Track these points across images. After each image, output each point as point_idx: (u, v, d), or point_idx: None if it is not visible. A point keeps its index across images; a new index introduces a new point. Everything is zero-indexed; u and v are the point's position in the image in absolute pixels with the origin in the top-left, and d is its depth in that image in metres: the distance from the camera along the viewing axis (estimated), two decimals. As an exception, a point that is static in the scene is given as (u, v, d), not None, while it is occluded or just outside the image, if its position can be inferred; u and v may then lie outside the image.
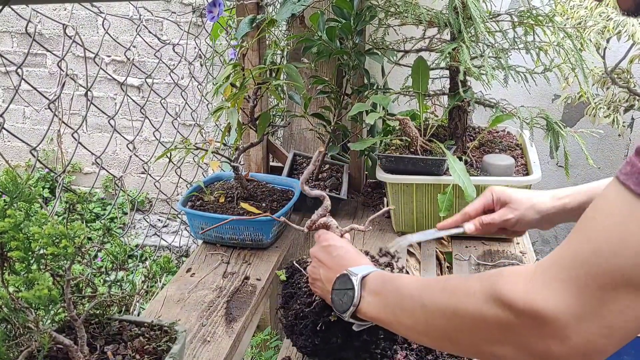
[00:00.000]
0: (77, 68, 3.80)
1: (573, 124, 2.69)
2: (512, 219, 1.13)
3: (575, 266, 0.60)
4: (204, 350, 1.17)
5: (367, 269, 0.94)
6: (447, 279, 0.79)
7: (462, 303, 0.71)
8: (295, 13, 1.68)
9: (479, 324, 0.69)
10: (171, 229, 3.85)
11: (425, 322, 0.78)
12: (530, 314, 0.62)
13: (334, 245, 1.03)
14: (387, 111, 1.66)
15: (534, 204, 1.12)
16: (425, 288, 0.80)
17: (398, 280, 0.87)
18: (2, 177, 0.84)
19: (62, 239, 0.81)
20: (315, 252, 1.06)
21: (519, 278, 0.65)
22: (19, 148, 4.15)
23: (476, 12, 1.43)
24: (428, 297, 0.78)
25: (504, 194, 1.15)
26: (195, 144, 1.55)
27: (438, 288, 0.78)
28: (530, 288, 0.63)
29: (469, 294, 0.71)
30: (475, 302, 0.69)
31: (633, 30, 1.95)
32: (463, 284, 0.73)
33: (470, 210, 1.17)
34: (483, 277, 0.71)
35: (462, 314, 0.71)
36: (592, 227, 0.61)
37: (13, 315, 0.81)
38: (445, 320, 0.74)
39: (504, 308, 0.65)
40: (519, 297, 0.63)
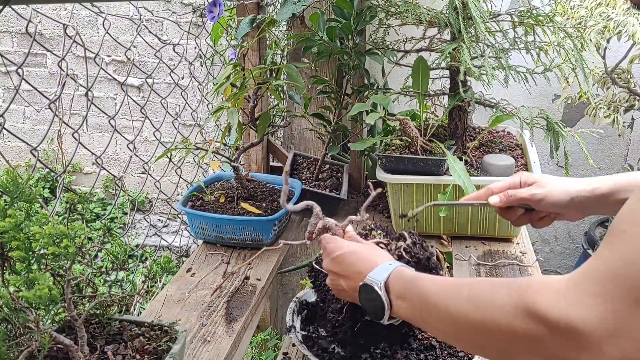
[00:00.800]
0: (77, 68, 3.80)
1: (573, 124, 2.69)
2: (539, 195, 1.10)
3: (608, 280, 0.59)
4: (204, 350, 1.17)
5: (384, 270, 0.92)
6: (470, 285, 0.76)
7: (490, 315, 0.70)
8: (295, 13, 1.68)
9: (509, 337, 0.68)
10: (171, 229, 3.85)
11: (454, 330, 0.78)
12: (564, 329, 0.61)
13: (343, 254, 1.00)
14: (387, 111, 1.66)
15: (562, 185, 1.10)
16: (448, 295, 0.79)
17: (420, 282, 0.86)
18: (3, 177, 0.84)
19: (62, 239, 0.81)
20: (328, 266, 1.03)
21: (551, 291, 0.64)
22: (19, 148, 4.15)
23: (476, 12, 1.43)
24: (454, 306, 0.76)
25: (530, 176, 1.14)
26: (196, 144, 1.55)
27: (463, 297, 0.76)
28: (562, 302, 0.62)
29: (496, 305, 0.69)
30: (505, 315, 0.68)
31: (633, 31, 1.95)
32: (489, 295, 0.71)
33: (495, 188, 1.16)
34: (511, 288, 0.69)
35: (491, 327, 0.70)
36: (622, 239, 0.60)
37: (13, 315, 0.82)
38: (474, 331, 0.73)
39: (536, 322, 0.64)
40: (552, 311, 0.62)
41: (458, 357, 1.13)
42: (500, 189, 1.16)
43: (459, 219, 1.60)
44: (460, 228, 1.62)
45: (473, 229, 1.61)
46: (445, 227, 1.64)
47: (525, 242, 1.63)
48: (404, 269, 0.93)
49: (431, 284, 0.84)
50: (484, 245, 1.61)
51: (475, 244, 1.61)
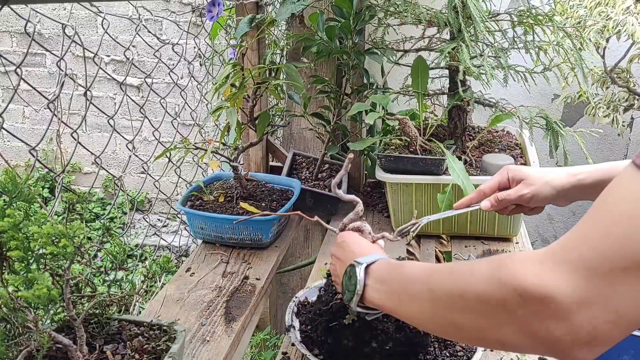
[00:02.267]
0: (76, 68, 3.80)
1: (573, 124, 2.69)
2: (528, 194, 1.13)
3: (586, 249, 0.60)
4: (204, 349, 1.17)
5: (373, 257, 0.93)
6: (457, 262, 0.79)
7: (468, 285, 0.70)
8: (294, 12, 1.68)
9: (484, 305, 0.68)
10: (171, 229, 3.85)
11: (431, 306, 0.78)
12: (536, 296, 0.61)
13: (346, 241, 1.03)
14: (386, 111, 1.66)
15: (549, 180, 1.12)
16: (433, 272, 0.80)
17: (406, 266, 0.87)
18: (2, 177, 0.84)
19: (61, 239, 0.81)
20: (332, 250, 1.07)
21: (529, 260, 0.64)
22: (18, 148, 4.14)
23: (476, 11, 1.43)
24: (435, 280, 0.77)
25: (519, 172, 1.15)
26: (195, 143, 1.55)
27: (446, 271, 0.77)
28: (539, 270, 0.62)
29: (474, 274, 0.70)
30: (482, 283, 0.68)
31: (633, 30, 1.95)
32: (470, 265, 0.73)
33: (486, 188, 1.18)
34: (492, 259, 0.70)
35: (468, 295, 0.70)
36: (605, 211, 0.61)
37: (12, 314, 0.81)
38: (451, 302, 0.73)
39: (509, 289, 0.64)
40: (527, 278, 0.62)
41: (457, 356, 1.13)
42: (491, 189, 1.18)
43: (459, 218, 1.60)
44: (460, 228, 1.62)
45: (472, 229, 1.61)
46: (444, 227, 1.64)
47: (525, 241, 1.63)
48: (395, 261, 0.94)
49: (419, 265, 0.85)
50: (483, 244, 1.61)
51: (475, 243, 1.61)
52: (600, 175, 1.07)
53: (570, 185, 1.10)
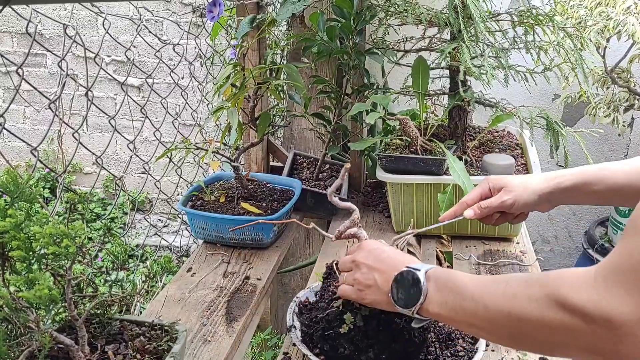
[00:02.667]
0: (77, 68, 3.80)
1: (573, 124, 2.69)
2: (509, 200, 1.15)
3: (634, 269, 0.63)
4: (205, 349, 1.17)
5: (425, 265, 0.94)
6: (507, 281, 0.80)
7: (525, 309, 0.73)
8: (295, 13, 1.68)
9: (544, 330, 0.71)
10: (172, 229, 3.85)
11: (489, 324, 0.80)
12: (598, 320, 0.65)
13: (381, 249, 1.03)
14: (387, 111, 1.66)
15: (528, 186, 1.15)
16: (485, 290, 0.81)
17: (456, 278, 0.88)
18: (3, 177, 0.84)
19: (63, 239, 0.81)
20: (363, 258, 1.04)
21: (582, 284, 0.67)
22: (19, 148, 4.15)
23: (476, 11, 1.43)
24: (490, 300, 0.79)
25: (499, 181, 1.18)
26: (196, 144, 1.55)
27: (499, 291, 0.79)
28: (594, 294, 0.65)
29: (531, 299, 0.72)
30: (540, 309, 0.71)
31: (633, 30, 1.95)
32: (524, 289, 0.75)
33: (468, 199, 1.20)
34: (544, 282, 0.72)
35: (527, 320, 0.73)
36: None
37: (14, 314, 0.82)
38: (509, 324, 0.76)
39: (571, 314, 0.67)
40: (585, 303, 0.66)
41: (458, 356, 1.13)
42: (473, 200, 1.20)
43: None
44: (461, 228, 1.62)
45: (473, 229, 1.62)
46: (445, 227, 1.63)
47: (525, 241, 1.63)
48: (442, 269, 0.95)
49: (468, 279, 0.87)
50: (484, 244, 1.61)
51: (476, 243, 1.62)
52: (577, 179, 1.10)
53: (550, 189, 1.13)
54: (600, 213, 2.81)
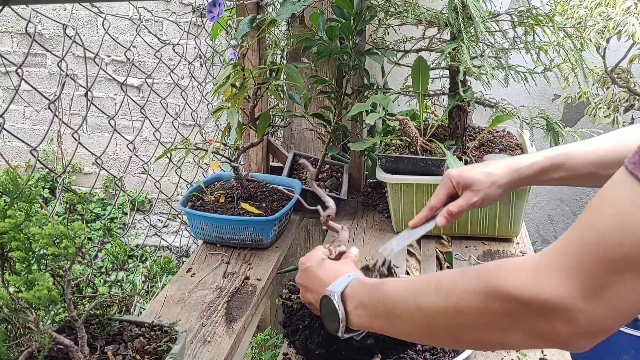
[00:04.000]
0: (77, 68, 3.80)
1: (573, 124, 2.69)
2: (477, 202, 1.15)
3: (581, 254, 0.62)
4: (205, 350, 1.17)
5: (344, 281, 0.91)
6: (438, 277, 0.78)
7: (463, 300, 0.71)
8: (295, 13, 1.68)
9: (484, 319, 0.70)
10: (171, 229, 3.85)
11: (426, 324, 0.78)
12: (537, 304, 0.64)
13: (311, 267, 1.01)
14: (387, 111, 1.66)
15: (494, 181, 1.14)
16: (417, 290, 0.79)
17: (383, 287, 0.85)
18: (3, 177, 0.84)
19: (62, 239, 0.81)
20: (298, 278, 1.05)
21: (522, 268, 0.66)
22: (19, 148, 4.15)
23: (476, 12, 1.43)
24: (423, 299, 0.77)
25: (462, 177, 1.17)
26: (195, 144, 1.55)
27: (432, 288, 0.77)
28: (535, 277, 0.64)
29: (468, 291, 0.71)
30: (477, 298, 0.69)
31: (633, 30, 1.95)
32: (459, 281, 0.73)
33: (435, 202, 1.18)
34: (480, 271, 0.71)
35: (466, 312, 0.71)
36: (597, 216, 0.62)
37: (13, 315, 0.81)
38: (447, 319, 0.74)
39: (510, 300, 0.66)
40: (525, 287, 0.65)
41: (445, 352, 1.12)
42: (441, 200, 1.18)
43: (459, 218, 1.60)
44: (460, 228, 1.62)
45: (473, 229, 1.61)
46: (445, 227, 1.64)
47: (525, 241, 1.63)
48: (364, 278, 0.92)
49: (395, 285, 0.84)
50: (484, 245, 1.61)
51: (475, 243, 1.62)
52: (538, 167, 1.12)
53: (513, 180, 1.14)
54: (600, 213, 2.80)
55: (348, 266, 1.01)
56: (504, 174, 1.14)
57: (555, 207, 2.89)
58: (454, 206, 1.16)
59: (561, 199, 2.86)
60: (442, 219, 1.16)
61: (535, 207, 2.90)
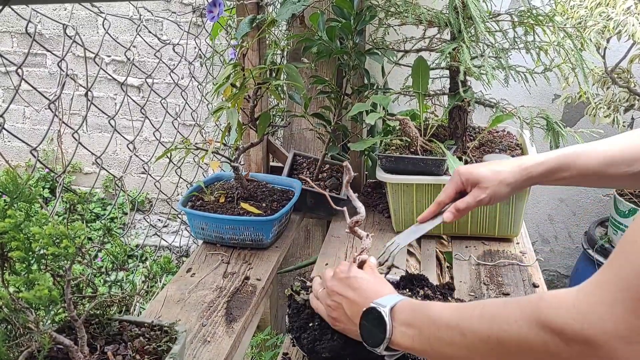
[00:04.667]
0: (77, 68, 3.80)
1: (573, 124, 2.69)
2: (485, 199, 1.15)
3: (619, 289, 0.62)
4: (204, 350, 1.17)
5: (393, 298, 0.92)
6: (483, 305, 0.78)
7: (504, 331, 0.71)
8: (295, 13, 1.68)
9: (525, 351, 0.70)
10: (171, 229, 3.85)
11: (467, 351, 0.78)
12: (579, 340, 0.63)
13: (354, 277, 1.01)
14: (387, 111, 1.66)
15: (502, 179, 1.14)
16: (461, 316, 0.80)
17: (429, 308, 0.86)
18: (2, 177, 0.84)
19: (62, 239, 0.81)
20: (333, 286, 1.02)
21: (563, 303, 0.66)
22: (19, 148, 4.15)
23: (476, 12, 1.43)
24: (466, 326, 0.78)
25: (471, 174, 1.17)
26: (196, 144, 1.55)
27: (475, 316, 0.77)
28: (575, 314, 0.64)
29: (510, 321, 0.71)
30: (519, 330, 0.69)
31: (633, 30, 1.95)
32: (502, 311, 0.73)
33: (444, 197, 1.19)
34: (522, 303, 0.71)
35: (507, 343, 0.71)
36: (633, 250, 0.62)
37: (13, 315, 0.81)
38: (488, 348, 0.74)
39: (551, 334, 0.66)
40: (566, 323, 0.64)
41: None
42: (449, 196, 1.19)
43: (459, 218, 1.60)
44: (460, 228, 1.62)
45: (473, 229, 1.61)
46: (445, 227, 1.64)
47: (525, 241, 1.63)
48: (414, 301, 0.93)
49: (442, 308, 0.85)
50: (484, 245, 1.61)
51: (475, 243, 1.61)
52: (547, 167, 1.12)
53: (522, 179, 1.14)
54: (600, 213, 2.81)
55: (390, 286, 1.01)
56: (512, 172, 1.14)
57: (555, 207, 2.89)
58: (462, 202, 1.16)
59: (561, 199, 2.86)
60: (449, 215, 1.17)
61: (535, 207, 2.90)
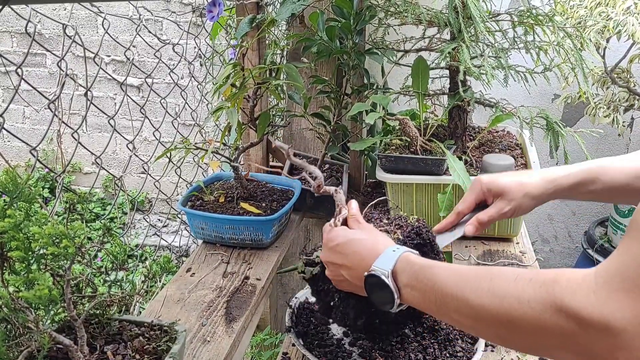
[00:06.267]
0: (76, 68, 3.80)
1: (573, 124, 2.69)
2: (509, 212, 1.09)
3: (638, 275, 0.60)
4: (204, 350, 1.17)
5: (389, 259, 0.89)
6: (491, 278, 0.75)
7: (515, 310, 0.69)
8: (295, 12, 1.68)
9: (538, 332, 0.68)
10: (171, 229, 3.85)
11: (474, 322, 0.77)
12: (597, 327, 0.62)
13: (342, 243, 0.98)
14: (387, 111, 1.66)
15: (527, 192, 1.09)
16: (467, 285, 0.77)
17: (433, 273, 0.84)
18: (2, 177, 0.84)
19: (62, 239, 0.81)
20: (326, 256, 1.01)
21: (580, 288, 0.64)
22: (18, 148, 4.15)
23: (476, 11, 1.43)
24: (474, 297, 0.75)
25: (494, 184, 1.11)
26: (195, 143, 1.55)
27: (484, 289, 0.74)
28: (595, 299, 0.62)
29: (522, 301, 0.69)
30: (532, 311, 0.68)
31: (633, 30, 1.95)
32: (512, 288, 0.71)
33: (463, 208, 1.13)
34: (535, 283, 0.69)
35: (518, 321, 0.70)
36: None
37: (13, 315, 0.81)
38: (497, 323, 0.73)
39: (567, 319, 0.64)
40: (584, 309, 0.63)
41: (457, 357, 1.13)
42: (469, 207, 1.14)
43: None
44: (460, 228, 1.62)
45: (473, 229, 1.61)
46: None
47: (525, 241, 1.63)
48: (410, 256, 0.90)
49: (445, 273, 0.82)
50: (483, 244, 1.61)
51: (475, 243, 1.61)
52: (574, 179, 1.06)
53: (548, 193, 1.08)
54: (600, 213, 2.81)
55: (382, 238, 0.98)
56: (538, 185, 1.08)
57: (555, 207, 2.89)
58: (485, 215, 1.11)
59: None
60: (471, 228, 1.11)
61: (535, 207, 2.89)
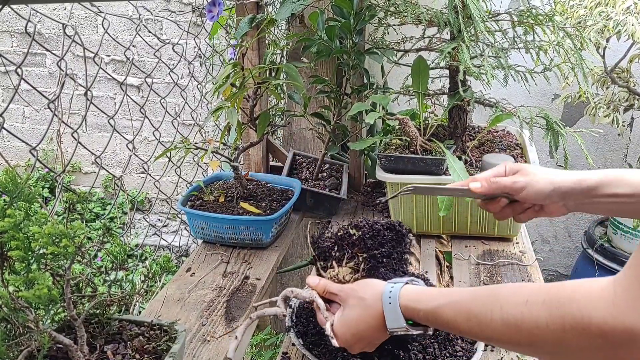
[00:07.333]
0: (76, 68, 3.80)
1: (573, 124, 2.69)
2: (520, 183, 1.02)
3: None
4: (204, 349, 1.17)
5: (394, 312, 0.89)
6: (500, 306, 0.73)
7: (536, 336, 0.68)
8: (294, 12, 1.68)
9: (562, 351, 0.67)
10: (171, 229, 3.85)
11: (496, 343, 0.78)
12: (621, 336, 0.61)
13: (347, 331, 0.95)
14: (386, 111, 1.66)
15: (547, 174, 1.03)
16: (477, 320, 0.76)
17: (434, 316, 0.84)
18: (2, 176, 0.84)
19: (62, 239, 0.81)
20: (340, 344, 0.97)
21: (599, 301, 0.63)
22: (18, 148, 4.15)
23: (476, 11, 1.43)
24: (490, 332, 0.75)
25: (517, 165, 1.08)
26: (195, 143, 1.55)
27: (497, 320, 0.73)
28: (615, 311, 0.61)
29: (540, 326, 0.67)
30: (554, 334, 0.66)
31: (633, 30, 1.95)
32: (528, 315, 0.69)
33: (479, 176, 1.10)
34: (551, 305, 0.67)
35: (541, 345, 0.68)
36: None
37: (13, 314, 0.81)
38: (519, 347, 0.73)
39: (592, 335, 0.63)
40: (607, 322, 0.61)
41: (457, 356, 1.13)
42: (485, 178, 1.09)
43: (459, 218, 1.60)
44: (460, 227, 1.62)
45: (472, 229, 1.61)
46: (445, 227, 1.64)
47: (525, 241, 1.63)
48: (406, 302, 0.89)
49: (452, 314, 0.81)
50: (483, 244, 1.61)
51: (475, 243, 1.62)
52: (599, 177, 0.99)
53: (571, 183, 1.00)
54: (599, 213, 2.80)
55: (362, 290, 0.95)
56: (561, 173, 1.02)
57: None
58: (496, 177, 1.06)
59: (561, 198, 2.85)
60: (478, 184, 1.07)
61: (535, 206, 2.89)
